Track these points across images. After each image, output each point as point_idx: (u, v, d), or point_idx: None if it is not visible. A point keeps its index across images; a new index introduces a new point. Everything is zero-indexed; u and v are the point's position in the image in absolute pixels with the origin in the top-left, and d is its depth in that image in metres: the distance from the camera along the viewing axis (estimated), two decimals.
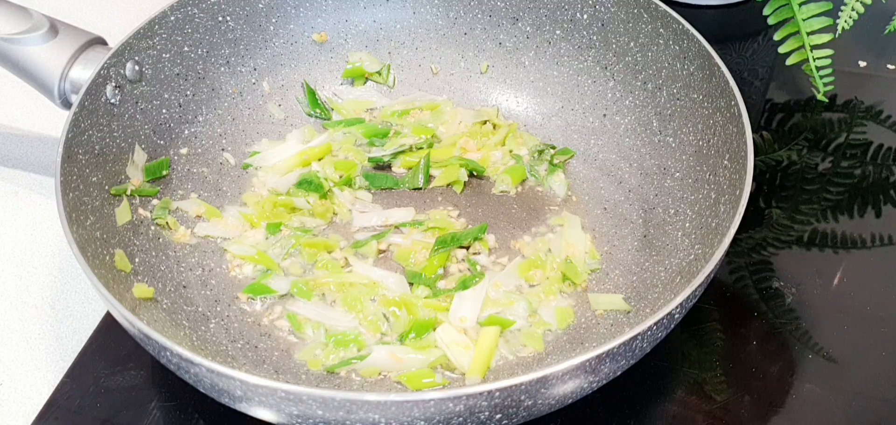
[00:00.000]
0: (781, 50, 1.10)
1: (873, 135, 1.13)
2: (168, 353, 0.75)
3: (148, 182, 0.98)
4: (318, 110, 1.09)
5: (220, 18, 1.06)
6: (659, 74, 1.02)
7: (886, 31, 1.15)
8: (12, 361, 0.92)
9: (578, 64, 1.09)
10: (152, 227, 0.96)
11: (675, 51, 1.00)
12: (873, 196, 1.06)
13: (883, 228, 1.03)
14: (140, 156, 0.98)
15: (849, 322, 0.94)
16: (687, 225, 0.94)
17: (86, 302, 0.97)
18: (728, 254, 0.82)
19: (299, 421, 0.74)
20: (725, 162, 0.91)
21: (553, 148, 1.06)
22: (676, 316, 0.80)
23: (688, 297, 0.78)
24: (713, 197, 0.92)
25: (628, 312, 0.91)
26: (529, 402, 0.73)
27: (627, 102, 1.05)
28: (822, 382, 0.89)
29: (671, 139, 1.01)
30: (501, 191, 1.03)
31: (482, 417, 0.73)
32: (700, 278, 0.79)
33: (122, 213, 0.93)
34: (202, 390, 0.78)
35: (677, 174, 0.99)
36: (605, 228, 1.00)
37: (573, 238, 0.97)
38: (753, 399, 0.88)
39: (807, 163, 1.09)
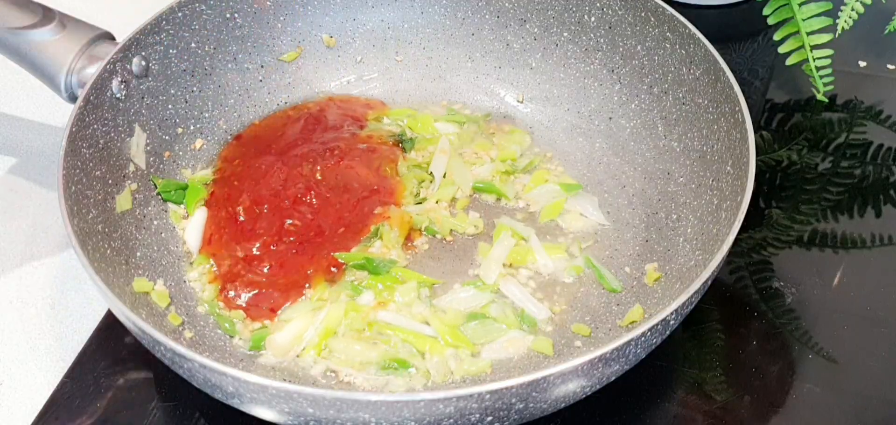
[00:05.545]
0: (781, 50, 1.08)
1: (873, 135, 1.10)
2: (162, 348, 0.73)
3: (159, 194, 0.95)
4: None
5: (228, 15, 1.03)
6: (665, 78, 0.99)
7: (886, 31, 1.13)
8: (12, 361, 0.89)
9: (585, 66, 1.05)
10: (155, 222, 0.93)
11: (681, 55, 0.97)
12: (873, 196, 1.03)
13: (883, 228, 1.00)
14: (140, 138, 0.94)
15: (849, 322, 0.91)
16: (689, 230, 0.91)
17: (86, 302, 0.93)
18: (728, 253, 0.79)
19: (292, 418, 0.72)
20: (728, 167, 0.88)
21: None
22: (671, 322, 0.76)
23: (683, 304, 0.75)
24: (715, 203, 0.89)
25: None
26: (520, 405, 0.70)
27: (633, 106, 1.02)
28: (822, 382, 0.87)
29: (675, 143, 0.97)
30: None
31: (473, 419, 0.70)
32: (696, 285, 0.76)
33: (123, 201, 0.90)
34: (197, 385, 0.75)
35: (681, 179, 0.95)
36: (607, 232, 0.96)
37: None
38: (753, 399, 0.85)
39: (807, 163, 1.06)
